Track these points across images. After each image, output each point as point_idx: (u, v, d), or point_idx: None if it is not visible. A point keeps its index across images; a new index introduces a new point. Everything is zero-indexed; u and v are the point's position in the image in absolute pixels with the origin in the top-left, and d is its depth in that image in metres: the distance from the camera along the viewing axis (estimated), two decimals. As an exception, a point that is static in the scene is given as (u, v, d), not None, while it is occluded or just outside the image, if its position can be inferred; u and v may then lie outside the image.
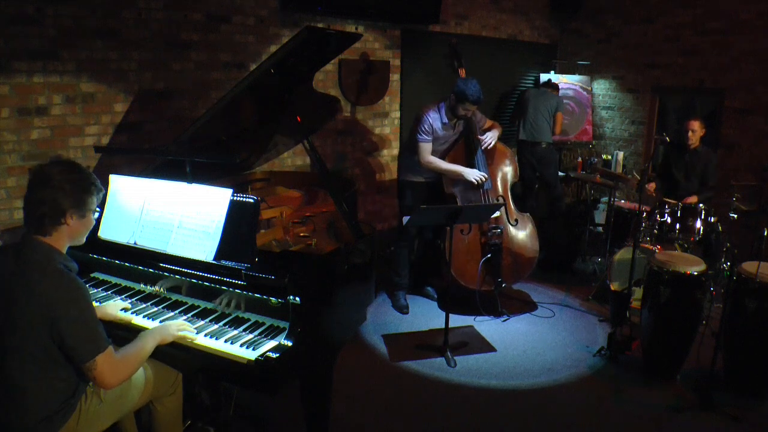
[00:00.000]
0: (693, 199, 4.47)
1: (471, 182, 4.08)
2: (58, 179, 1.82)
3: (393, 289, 4.52)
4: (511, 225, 4.29)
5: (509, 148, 4.45)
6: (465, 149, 4.24)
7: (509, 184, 4.37)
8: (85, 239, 1.99)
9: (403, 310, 4.39)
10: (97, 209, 1.96)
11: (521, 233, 4.31)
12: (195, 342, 2.14)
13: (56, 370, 1.83)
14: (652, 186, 4.72)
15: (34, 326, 1.76)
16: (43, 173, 1.84)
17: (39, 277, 1.77)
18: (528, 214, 4.41)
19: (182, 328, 2.15)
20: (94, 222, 1.97)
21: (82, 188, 1.86)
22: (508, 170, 4.37)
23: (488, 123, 4.39)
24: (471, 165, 4.15)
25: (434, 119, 4.05)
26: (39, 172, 1.85)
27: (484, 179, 4.08)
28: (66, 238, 1.89)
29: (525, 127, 5.75)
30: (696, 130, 4.57)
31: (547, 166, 5.77)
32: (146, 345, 2.01)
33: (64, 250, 1.91)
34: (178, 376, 2.33)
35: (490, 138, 4.21)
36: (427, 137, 4.04)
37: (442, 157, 4.17)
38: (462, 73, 4.23)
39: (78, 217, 1.87)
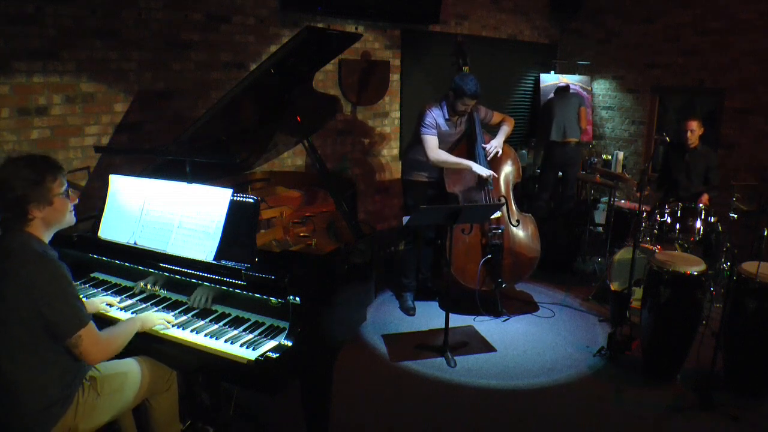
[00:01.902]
0: (705, 199, 4.45)
1: (478, 177, 4.06)
2: (8, 181, 1.83)
3: (400, 291, 4.52)
4: (513, 225, 4.28)
5: (512, 148, 4.44)
6: (466, 148, 4.24)
7: (511, 184, 4.36)
8: (73, 219, 2.01)
9: (409, 312, 4.38)
10: (64, 189, 1.94)
11: (522, 234, 4.31)
12: (195, 341, 2.14)
13: (48, 358, 1.86)
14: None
15: (21, 313, 1.79)
16: None
17: (19, 263, 1.81)
18: (530, 215, 4.40)
19: (163, 318, 2.24)
20: (69, 203, 1.97)
21: (34, 182, 1.85)
22: (510, 170, 4.36)
23: (498, 117, 4.36)
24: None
25: (437, 115, 4.07)
26: None
27: (491, 177, 4.07)
28: (42, 227, 1.92)
29: (555, 129, 5.73)
30: (695, 130, 4.57)
31: (573, 166, 5.81)
32: (128, 327, 2.10)
33: (46, 239, 1.94)
34: (173, 373, 2.34)
35: (494, 148, 4.17)
36: (432, 130, 4.04)
37: None
38: (466, 71, 4.23)
39: (44, 206, 1.88)
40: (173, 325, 2.24)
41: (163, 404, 2.32)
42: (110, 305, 2.39)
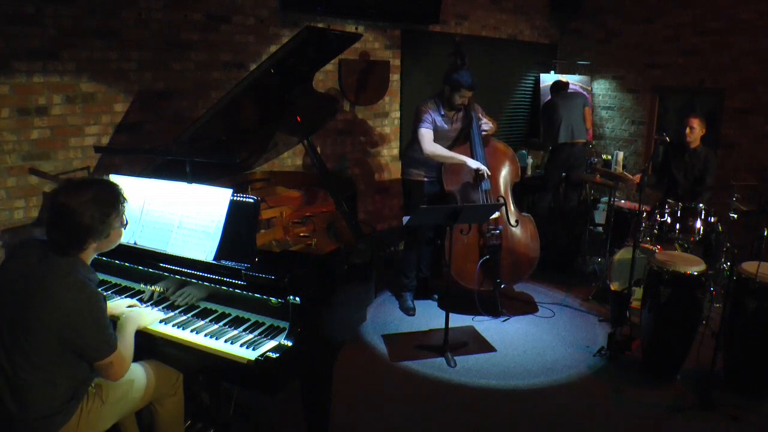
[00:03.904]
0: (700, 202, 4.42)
1: (472, 172, 4.05)
2: (75, 213, 1.83)
3: (400, 291, 4.52)
4: (512, 226, 4.28)
5: (510, 148, 4.44)
6: (465, 146, 4.24)
7: (510, 184, 4.35)
8: (118, 242, 2.06)
9: (409, 312, 4.38)
10: (121, 221, 1.99)
11: (521, 234, 4.30)
12: (195, 341, 2.14)
13: (60, 372, 1.87)
14: (637, 177, 4.65)
15: (48, 331, 1.80)
16: (61, 206, 1.85)
17: (58, 287, 1.82)
18: (529, 215, 4.39)
19: (155, 316, 2.27)
20: (123, 233, 2.02)
21: (101, 219, 1.88)
22: (509, 170, 4.35)
23: (486, 118, 4.38)
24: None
25: (433, 112, 4.09)
26: (57, 204, 1.86)
27: (486, 174, 4.07)
28: (92, 253, 1.97)
29: (563, 130, 5.66)
30: (695, 128, 4.54)
31: (579, 167, 5.77)
32: (132, 333, 2.12)
33: (89, 262, 1.97)
34: (179, 377, 2.34)
35: (486, 122, 4.24)
36: (428, 125, 4.06)
37: None
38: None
39: (101, 240, 1.94)
40: (174, 325, 2.24)
41: (169, 408, 2.32)
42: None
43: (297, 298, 2.08)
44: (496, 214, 4.13)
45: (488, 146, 4.29)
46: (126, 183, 2.53)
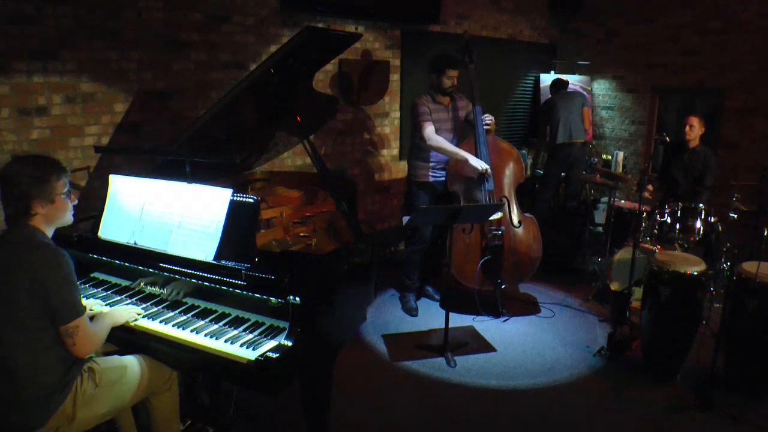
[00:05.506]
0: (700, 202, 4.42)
1: (475, 170, 4.02)
2: (14, 178, 1.94)
3: (403, 291, 4.52)
4: (514, 227, 4.27)
5: (515, 148, 4.42)
6: (470, 145, 4.23)
7: (514, 185, 4.33)
8: (71, 219, 2.10)
9: (412, 312, 4.38)
10: (66, 190, 2.04)
11: (524, 235, 4.28)
12: (195, 341, 2.14)
13: (47, 343, 1.92)
14: (649, 188, 4.71)
15: (23, 297, 1.86)
16: (2, 177, 1.96)
17: (24, 250, 1.90)
18: (532, 216, 4.37)
19: (134, 311, 2.30)
20: (69, 203, 2.06)
21: (39, 179, 1.95)
22: (513, 171, 4.32)
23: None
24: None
25: (427, 101, 4.13)
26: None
27: (487, 171, 4.05)
28: (44, 223, 2.00)
29: (561, 130, 5.64)
30: (695, 126, 4.55)
31: (578, 167, 5.75)
32: (107, 322, 2.17)
33: (49, 234, 2.02)
34: (173, 373, 2.35)
35: (490, 117, 4.24)
36: (427, 117, 4.07)
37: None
38: (471, 69, 4.24)
39: (46, 204, 1.97)
40: (174, 325, 2.24)
41: (164, 404, 2.34)
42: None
43: (297, 298, 2.08)
44: (498, 215, 4.11)
45: (493, 146, 4.27)
46: (126, 183, 2.54)
